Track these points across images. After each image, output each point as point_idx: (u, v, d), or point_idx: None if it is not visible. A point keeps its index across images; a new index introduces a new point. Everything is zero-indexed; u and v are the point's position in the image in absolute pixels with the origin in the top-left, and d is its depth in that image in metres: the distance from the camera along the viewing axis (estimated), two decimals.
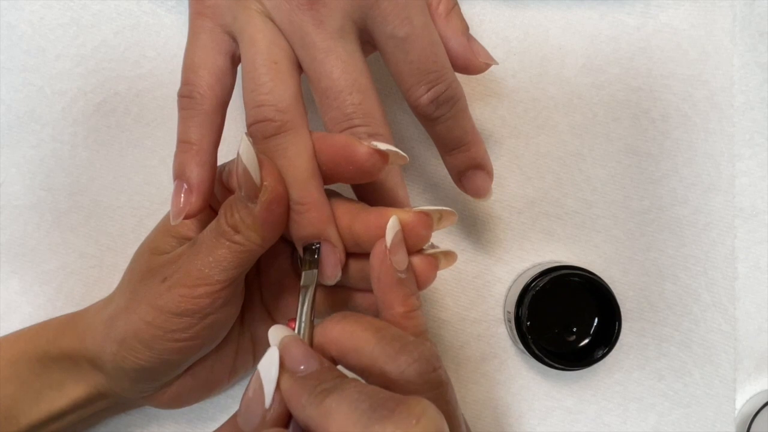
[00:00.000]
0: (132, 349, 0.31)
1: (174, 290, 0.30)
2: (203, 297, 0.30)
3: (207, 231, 0.31)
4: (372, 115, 0.30)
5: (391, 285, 0.29)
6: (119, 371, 0.32)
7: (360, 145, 0.29)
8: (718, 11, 0.43)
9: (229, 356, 0.35)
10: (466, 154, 0.34)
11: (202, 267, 0.30)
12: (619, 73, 0.43)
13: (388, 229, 0.29)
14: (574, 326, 0.40)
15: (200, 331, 0.31)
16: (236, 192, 0.29)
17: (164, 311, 0.30)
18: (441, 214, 0.31)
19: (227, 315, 0.32)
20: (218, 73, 0.31)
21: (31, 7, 0.42)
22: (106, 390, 0.34)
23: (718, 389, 0.41)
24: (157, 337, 0.31)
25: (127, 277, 0.34)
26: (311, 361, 0.27)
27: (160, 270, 0.31)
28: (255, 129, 0.30)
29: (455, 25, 0.33)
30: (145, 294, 0.31)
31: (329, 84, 0.30)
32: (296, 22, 0.30)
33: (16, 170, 0.42)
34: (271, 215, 0.29)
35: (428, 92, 0.32)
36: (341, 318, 0.29)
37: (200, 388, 0.35)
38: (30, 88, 0.42)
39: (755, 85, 0.43)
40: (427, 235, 0.30)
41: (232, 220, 0.29)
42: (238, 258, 0.29)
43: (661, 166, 0.42)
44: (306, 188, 0.30)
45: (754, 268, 0.43)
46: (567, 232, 0.42)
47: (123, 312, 0.32)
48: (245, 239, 0.29)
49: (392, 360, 0.27)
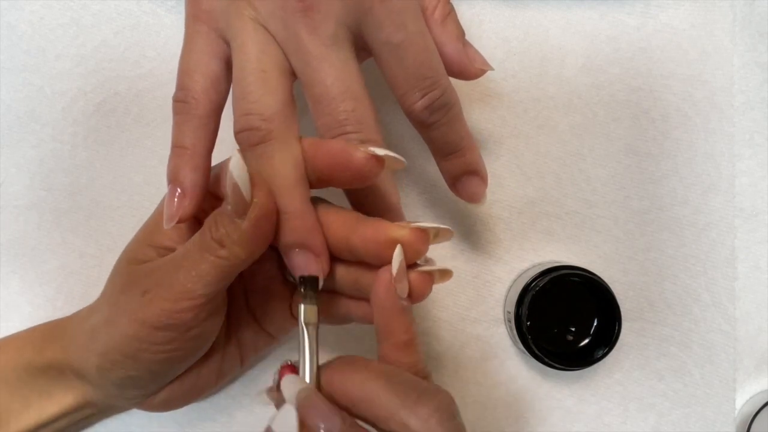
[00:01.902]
0: (115, 362, 0.31)
1: (155, 304, 0.30)
2: (186, 311, 0.29)
3: (190, 244, 0.30)
4: (365, 122, 0.30)
5: (395, 313, 0.30)
6: (104, 381, 0.32)
7: (356, 151, 0.29)
8: (718, 11, 0.43)
9: (215, 361, 0.35)
10: (460, 159, 0.34)
11: (184, 281, 0.29)
12: (619, 73, 0.43)
13: (394, 258, 0.29)
14: (574, 326, 0.40)
15: (184, 344, 0.31)
16: (222, 206, 0.29)
17: (146, 325, 0.30)
18: (438, 231, 0.31)
19: (211, 326, 0.32)
20: (213, 77, 0.31)
21: (31, 7, 0.42)
22: (93, 398, 0.35)
23: (718, 389, 0.41)
24: (140, 350, 0.30)
25: (108, 286, 0.34)
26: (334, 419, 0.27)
27: (140, 282, 0.31)
28: (241, 137, 0.30)
29: (451, 30, 0.33)
30: (126, 307, 0.31)
31: (322, 91, 0.30)
32: (290, 28, 0.30)
33: (16, 170, 0.42)
34: (258, 231, 0.29)
35: (423, 98, 0.32)
36: (346, 365, 0.29)
37: (188, 391, 0.35)
38: (30, 88, 0.42)
39: (755, 85, 0.43)
40: (423, 250, 0.30)
41: (217, 235, 0.29)
42: (221, 273, 0.29)
43: (661, 166, 0.42)
44: (290, 197, 0.29)
45: (754, 268, 0.43)
46: (567, 232, 0.42)
47: (104, 324, 0.32)
48: (230, 254, 0.29)
49: (413, 412, 0.27)
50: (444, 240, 0.32)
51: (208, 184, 0.31)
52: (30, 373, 0.35)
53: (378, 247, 0.29)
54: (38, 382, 0.35)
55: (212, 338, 0.33)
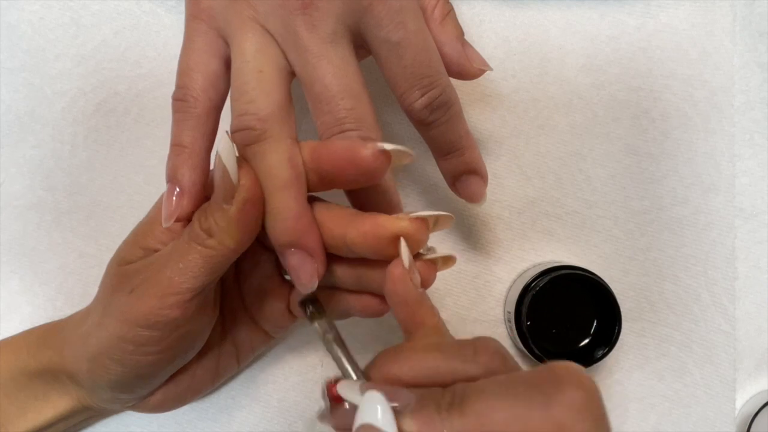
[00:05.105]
0: (103, 366, 0.31)
1: (142, 300, 0.30)
2: (173, 307, 0.29)
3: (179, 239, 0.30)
4: (364, 120, 0.30)
5: (417, 303, 0.29)
6: (95, 386, 0.32)
7: (363, 148, 0.29)
8: (718, 11, 0.43)
9: (211, 362, 0.35)
10: (460, 158, 0.34)
11: (171, 275, 0.29)
12: (619, 73, 0.43)
13: (402, 251, 0.29)
14: (574, 326, 0.40)
15: (172, 344, 0.31)
16: (212, 197, 0.29)
17: (133, 325, 0.30)
18: (437, 218, 0.31)
19: (200, 326, 0.32)
20: (212, 76, 0.31)
21: (31, 7, 0.42)
22: (87, 403, 0.35)
23: (718, 389, 0.41)
24: (127, 351, 0.30)
25: (100, 290, 0.34)
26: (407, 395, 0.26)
27: (128, 281, 0.31)
28: (237, 137, 0.30)
29: (450, 30, 0.33)
30: (114, 308, 0.31)
31: (321, 89, 0.30)
32: (289, 26, 0.30)
33: (16, 170, 0.42)
34: (245, 216, 0.29)
35: (422, 97, 0.32)
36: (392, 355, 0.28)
37: (184, 393, 0.35)
38: (30, 88, 0.42)
39: (755, 85, 0.43)
40: (424, 239, 0.30)
41: (206, 224, 0.29)
42: (209, 263, 0.29)
43: (661, 166, 0.42)
44: (284, 196, 0.29)
45: (754, 268, 0.43)
46: (567, 232, 0.42)
47: (95, 328, 0.32)
48: (218, 243, 0.29)
49: (476, 364, 0.27)
50: (445, 227, 0.32)
51: (206, 182, 0.31)
52: (27, 376, 0.35)
53: (378, 241, 0.29)
54: (35, 385, 0.35)
55: (202, 339, 0.33)
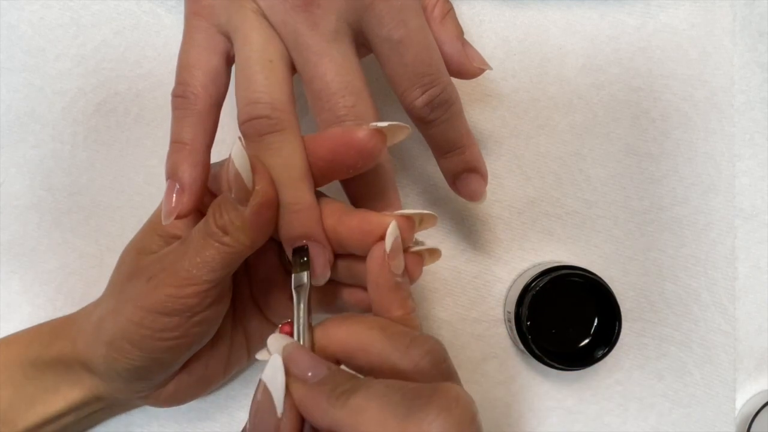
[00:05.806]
0: (121, 350, 0.31)
1: (160, 290, 0.30)
2: (191, 297, 0.30)
3: (195, 231, 0.30)
4: (364, 118, 0.30)
5: (389, 289, 0.30)
6: (111, 372, 0.32)
7: (358, 129, 0.29)
8: (718, 11, 0.43)
9: (223, 352, 0.35)
10: (460, 157, 0.34)
11: (189, 267, 0.29)
12: (619, 73, 0.43)
13: (388, 234, 0.29)
14: (574, 326, 0.40)
15: (189, 330, 0.31)
16: (225, 192, 0.29)
17: (151, 311, 0.30)
18: (422, 217, 0.31)
19: (216, 312, 0.32)
20: (212, 73, 0.31)
21: (31, 7, 0.42)
22: (101, 392, 0.35)
23: (718, 389, 0.41)
24: (145, 336, 0.31)
25: (114, 277, 0.34)
26: (320, 367, 0.27)
27: (145, 269, 0.31)
28: (248, 126, 0.30)
29: (450, 29, 0.33)
30: (131, 294, 0.31)
31: (322, 86, 0.30)
32: (290, 23, 0.30)
33: (16, 170, 0.42)
34: (260, 218, 0.29)
35: (423, 95, 0.32)
36: (344, 320, 0.29)
37: (196, 384, 0.35)
38: (30, 88, 0.42)
39: (755, 85, 0.43)
40: (409, 237, 0.31)
41: (221, 221, 0.29)
42: (226, 259, 0.29)
43: (661, 166, 0.42)
44: (299, 188, 0.30)
45: (754, 268, 0.43)
46: (567, 232, 0.42)
47: (111, 313, 0.32)
48: (234, 241, 0.29)
49: (404, 355, 0.27)
50: (429, 226, 0.32)
51: (207, 179, 0.31)
52: (37, 368, 0.35)
53: (363, 237, 0.30)
54: (45, 377, 0.35)
55: (216, 324, 0.33)
